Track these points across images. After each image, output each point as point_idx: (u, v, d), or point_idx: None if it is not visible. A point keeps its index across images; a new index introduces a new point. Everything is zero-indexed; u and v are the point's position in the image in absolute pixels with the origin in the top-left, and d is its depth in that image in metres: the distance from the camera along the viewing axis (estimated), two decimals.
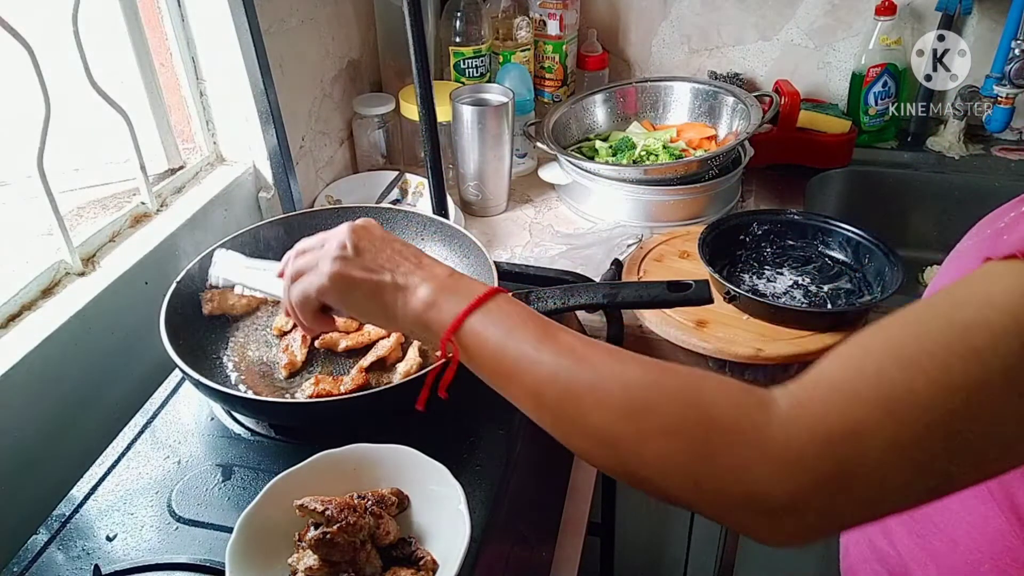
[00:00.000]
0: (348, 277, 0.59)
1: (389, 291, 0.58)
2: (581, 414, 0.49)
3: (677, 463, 0.45)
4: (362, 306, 0.60)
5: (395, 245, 0.61)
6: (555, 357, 0.50)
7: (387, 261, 0.59)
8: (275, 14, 1.09)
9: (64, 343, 0.81)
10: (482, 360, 0.54)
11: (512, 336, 0.53)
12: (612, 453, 0.48)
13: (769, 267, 1.08)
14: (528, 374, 0.51)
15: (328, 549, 0.58)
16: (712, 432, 0.44)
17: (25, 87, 0.79)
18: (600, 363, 0.49)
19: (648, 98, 1.42)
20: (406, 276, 0.58)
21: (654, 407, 0.46)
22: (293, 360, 0.84)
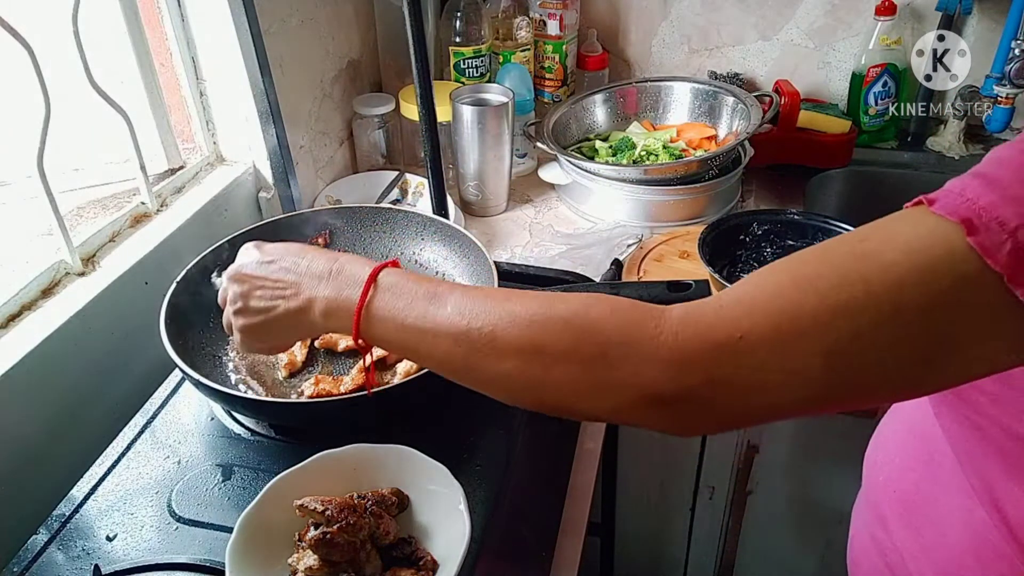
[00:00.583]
0: (250, 327, 0.62)
1: (292, 318, 0.60)
2: (487, 366, 0.52)
3: (581, 383, 0.49)
4: (284, 339, 0.64)
5: (270, 269, 0.62)
6: (449, 325, 0.53)
7: (272, 292, 0.61)
8: (275, 14, 1.09)
9: (64, 343, 0.81)
10: (392, 348, 0.58)
11: (407, 319, 0.55)
12: (527, 391, 0.52)
13: None
14: (433, 347, 0.54)
15: (328, 549, 0.58)
16: (607, 348, 0.48)
17: (25, 87, 0.79)
18: (488, 313, 0.52)
19: (648, 98, 1.42)
20: (296, 298, 0.59)
21: (549, 339, 0.50)
22: (293, 360, 0.84)
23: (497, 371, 0.52)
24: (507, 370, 0.51)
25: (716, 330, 0.45)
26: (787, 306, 0.44)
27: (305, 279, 0.60)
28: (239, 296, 0.62)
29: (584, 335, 0.49)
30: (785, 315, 0.44)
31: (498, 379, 0.52)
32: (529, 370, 0.50)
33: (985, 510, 0.55)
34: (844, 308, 0.42)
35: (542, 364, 0.50)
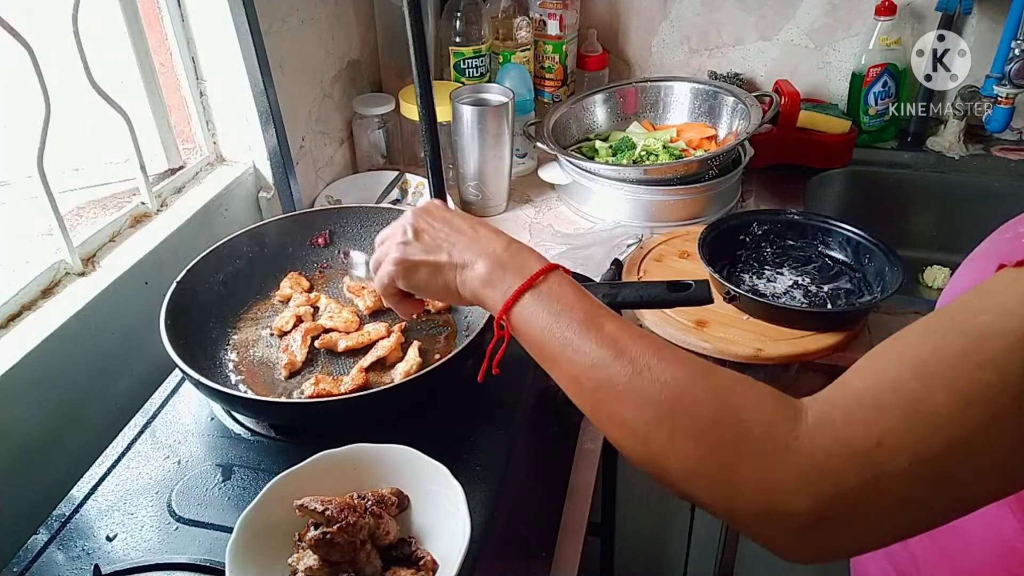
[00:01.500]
0: (409, 261, 0.62)
1: (447, 269, 0.60)
2: (616, 407, 0.49)
3: (704, 467, 0.46)
4: (427, 285, 0.63)
5: (454, 222, 0.62)
6: (596, 347, 0.51)
7: (444, 240, 0.61)
8: (275, 14, 1.09)
9: (64, 343, 0.81)
10: (530, 341, 0.56)
11: (559, 321, 0.53)
12: (643, 449, 0.49)
13: (769, 267, 1.08)
14: (570, 361, 0.52)
15: (328, 549, 0.58)
16: (741, 440, 0.44)
17: (25, 87, 0.79)
18: (639, 357, 0.49)
19: (648, 98, 1.42)
20: (462, 252, 0.60)
21: (687, 409, 0.47)
22: (293, 360, 0.84)
23: (624, 414, 0.49)
24: (635, 418, 0.49)
25: (851, 437, 0.42)
26: (916, 403, 0.41)
27: (481, 242, 0.60)
28: (415, 229, 0.63)
29: (723, 414, 0.46)
30: (918, 414, 0.40)
31: (622, 423, 0.50)
32: (656, 428, 0.48)
33: (1016, 518, 0.54)
34: (978, 396, 0.39)
35: (670, 427, 0.47)
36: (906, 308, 1.02)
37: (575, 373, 0.52)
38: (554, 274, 0.57)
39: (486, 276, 0.58)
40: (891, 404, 0.41)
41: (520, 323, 0.56)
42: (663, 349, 0.51)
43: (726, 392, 0.47)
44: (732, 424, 0.45)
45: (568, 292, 0.55)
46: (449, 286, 0.61)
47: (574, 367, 0.52)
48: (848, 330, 0.95)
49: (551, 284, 0.56)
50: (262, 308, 0.93)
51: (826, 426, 0.43)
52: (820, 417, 0.43)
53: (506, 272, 0.57)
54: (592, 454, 0.89)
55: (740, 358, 0.93)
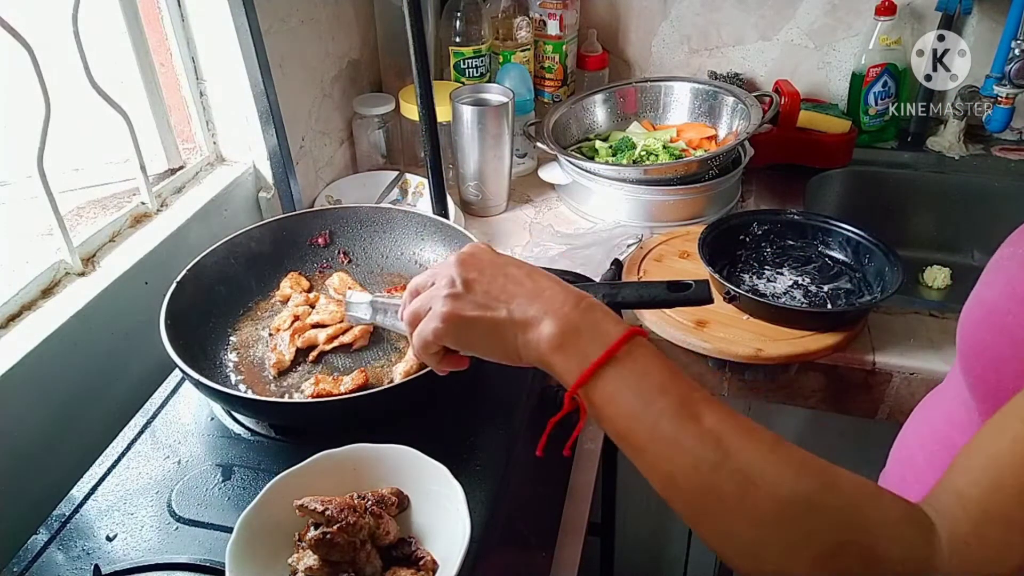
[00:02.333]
0: (461, 317, 0.54)
1: (507, 327, 0.53)
2: (721, 517, 0.44)
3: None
4: (481, 345, 0.55)
5: (509, 271, 0.55)
6: (697, 444, 0.44)
7: (501, 292, 0.54)
8: (275, 14, 1.09)
9: (64, 343, 0.81)
10: (612, 424, 0.49)
11: (649, 406, 0.46)
12: (753, 564, 0.43)
13: (769, 267, 1.08)
14: (664, 457, 0.45)
15: (328, 549, 0.58)
16: (872, 567, 0.40)
17: (25, 87, 0.79)
18: (750, 463, 0.43)
19: (648, 98, 1.42)
20: (524, 309, 0.52)
21: (809, 530, 0.41)
22: (281, 359, 0.84)
23: (731, 527, 0.43)
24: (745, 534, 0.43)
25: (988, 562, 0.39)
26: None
27: (545, 297, 0.52)
28: (464, 281, 0.55)
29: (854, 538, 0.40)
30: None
31: (728, 535, 0.44)
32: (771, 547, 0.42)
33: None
34: None
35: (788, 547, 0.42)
36: (906, 308, 1.02)
37: (670, 471, 0.45)
38: (637, 343, 0.49)
39: (556, 340, 0.50)
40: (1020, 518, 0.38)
41: (599, 402, 0.48)
42: (776, 449, 0.44)
43: (853, 509, 0.41)
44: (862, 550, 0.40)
45: (656, 368, 0.48)
46: (508, 347, 0.53)
47: (669, 464, 0.45)
48: (848, 330, 0.95)
49: (636, 357, 0.49)
50: (262, 308, 0.93)
51: (962, 549, 0.39)
52: (953, 539, 0.40)
53: (580, 337, 0.50)
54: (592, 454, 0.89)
55: (740, 358, 0.93)
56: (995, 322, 0.54)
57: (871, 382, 0.95)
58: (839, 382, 0.96)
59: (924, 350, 0.95)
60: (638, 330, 0.50)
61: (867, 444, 0.84)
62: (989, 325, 0.55)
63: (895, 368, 0.94)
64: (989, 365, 0.53)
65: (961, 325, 0.60)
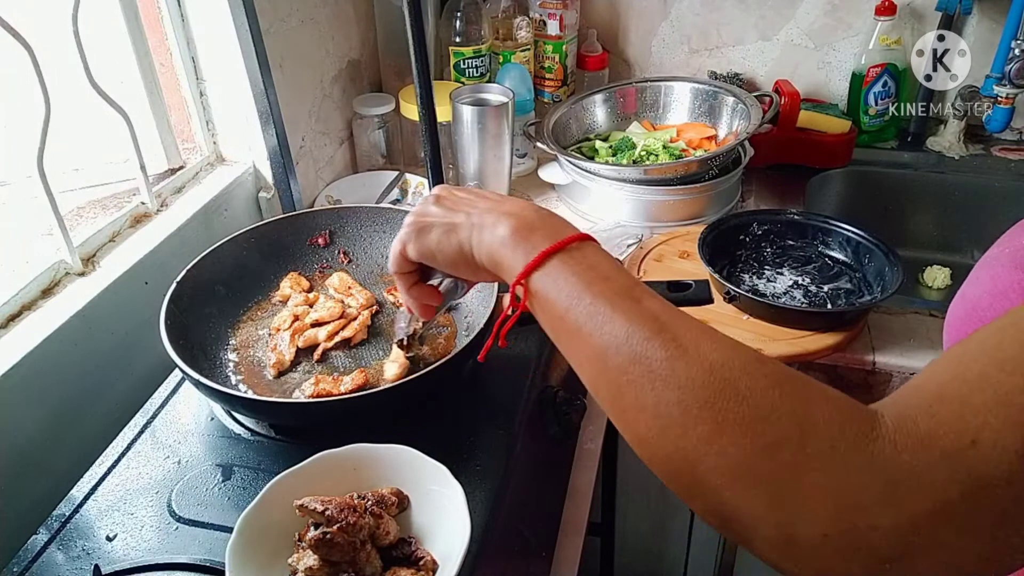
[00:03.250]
0: (423, 221, 0.57)
1: (463, 228, 0.54)
2: (648, 390, 0.41)
3: (757, 466, 0.38)
4: (440, 248, 0.56)
5: (482, 192, 0.58)
6: (633, 319, 0.44)
7: (465, 204, 0.56)
8: (275, 14, 1.09)
9: (64, 343, 0.81)
10: (551, 311, 0.48)
11: (590, 289, 0.46)
12: (676, 442, 0.40)
13: (769, 267, 1.08)
14: (597, 333, 0.44)
15: (328, 549, 0.58)
16: (808, 436, 0.37)
17: (25, 87, 0.79)
18: (684, 335, 0.42)
19: (648, 98, 1.42)
20: (482, 214, 0.54)
21: (742, 395, 0.39)
22: (281, 359, 0.84)
23: (657, 398, 0.41)
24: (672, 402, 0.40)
25: (940, 436, 0.36)
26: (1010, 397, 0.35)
27: (507, 205, 0.54)
28: (437, 195, 0.58)
29: (785, 405, 0.38)
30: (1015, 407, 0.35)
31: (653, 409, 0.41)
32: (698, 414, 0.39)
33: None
34: None
35: (718, 413, 0.39)
36: (906, 308, 1.02)
37: (602, 346, 0.44)
38: (589, 243, 0.50)
39: (507, 236, 0.51)
40: (980, 401, 0.36)
41: (542, 288, 0.48)
42: (711, 331, 0.44)
43: (788, 382, 0.40)
44: (797, 417, 0.38)
45: (603, 262, 0.48)
46: (463, 247, 0.54)
47: (602, 339, 0.44)
48: (848, 330, 0.95)
49: (584, 251, 0.49)
50: (262, 308, 0.93)
51: (908, 426, 0.36)
52: (899, 417, 0.37)
53: (533, 232, 0.50)
54: (592, 454, 0.89)
55: None
56: (977, 317, 0.54)
57: (871, 382, 0.95)
58: (839, 382, 0.96)
59: (924, 350, 0.95)
60: (591, 236, 0.51)
61: None
62: (972, 320, 0.55)
63: (895, 368, 0.94)
64: None
65: (947, 321, 0.61)
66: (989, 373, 0.37)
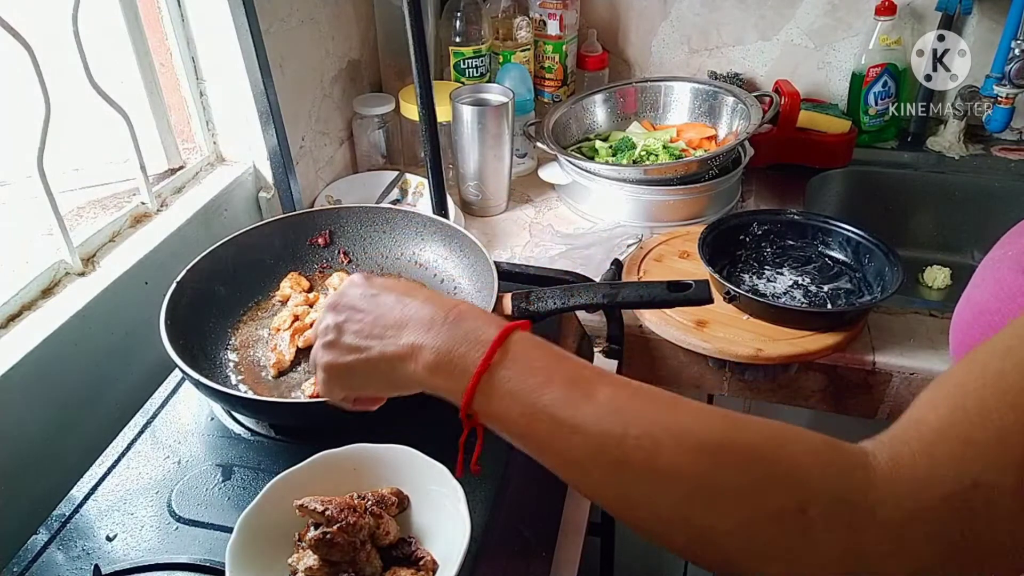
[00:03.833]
0: (337, 366, 0.54)
1: (383, 364, 0.51)
2: (638, 490, 0.42)
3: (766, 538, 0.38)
4: (369, 385, 0.55)
5: (378, 301, 0.53)
6: (596, 423, 0.42)
7: (371, 329, 0.52)
8: (275, 14, 1.09)
9: (64, 343, 0.81)
10: (510, 429, 0.47)
11: (539, 401, 0.44)
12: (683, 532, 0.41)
13: (769, 267, 1.08)
14: (567, 447, 0.43)
15: (328, 549, 0.58)
16: (807, 502, 0.38)
17: (25, 87, 0.79)
18: (653, 424, 0.42)
19: (648, 98, 1.42)
20: (395, 341, 0.50)
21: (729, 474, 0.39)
22: (281, 359, 0.84)
23: (649, 499, 0.41)
24: (664, 502, 0.41)
25: (941, 479, 0.36)
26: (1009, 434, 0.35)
27: (413, 321, 0.50)
28: (332, 327, 0.54)
29: (777, 478, 0.38)
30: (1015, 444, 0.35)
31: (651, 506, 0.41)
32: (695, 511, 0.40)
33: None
34: None
35: (714, 506, 0.39)
36: (906, 308, 1.02)
37: (577, 460, 0.43)
38: (514, 340, 0.47)
39: (432, 364, 0.48)
40: (980, 437, 0.36)
41: (491, 413, 0.47)
42: (678, 405, 0.43)
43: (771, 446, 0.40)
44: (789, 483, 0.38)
45: (538, 359, 0.46)
46: (394, 383, 0.52)
47: (574, 453, 0.43)
48: (848, 330, 0.95)
49: (515, 356, 0.46)
50: (262, 308, 0.93)
51: (906, 469, 0.37)
52: (895, 459, 0.37)
53: (454, 353, 0.47)
54: None
55: (740, 358, 0.93)
56: (984, 322, 0.54)
57: (871, 382, 0.95)
58: (839, 382, 0.96)
59: (924, 350, 0.95)
60: (513, 325, 0.48)
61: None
62: (979, 325, 0.55)
63: (895, 368, 0.94)
64: None
65: (953, 325, 0.60)
66: (989, 406, 0.37)
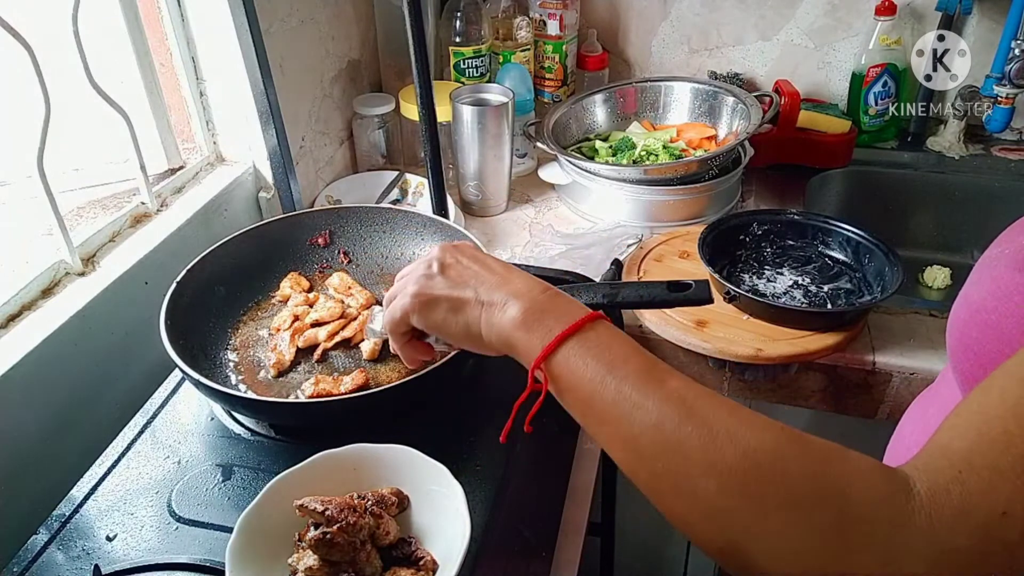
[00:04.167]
0: (429, 295, 0.57)
1: (472, 307, 0.54)
2: (686, 475, 0.42)
3: (801, 548, 0.39)
4: (446, 324, 0.57)
5: (487, 261, 0.57)
6: (661, 404, 0.44)
7: (472, 277, 0.56)
8: (275, 14, 1.09)
9: (64, 343, 0.81)
10: (575, 396, 0.49)
11: (613, 372, 0.46)
12: (721, 527, 0.42)
13: (769, 267, 1.08)
14: (627, 419, 0.45)
15: (328, 549, 0.58)
16: (847, 516, 0.38)
17: (25, 87, 0.79)
18: (714, 418, 0.43)
19: (648, 98, 1.42)
20: (491, 292, 0.54)
21: (778, 478, 0.40)
22: (281, 359, 0.84)
23: (696, 485, 0.42)
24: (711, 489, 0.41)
25: (973, 508, 0.37)
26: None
27: (513, 284, 0.54)
28: (441, 263, 0.57)
29: (822, 486, 0.39)
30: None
31: (693, 495, 0.42)
32: (738, 501, 0.41)
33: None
34: None
35: (758, 499, 0.40)
36: (906, 308, 1.02)
37: (633, 434, 0.45)
38: (601, 323, 0.50)
39: (520, 318, 0.51)
40: (1008, 465, 0.37)
41: (563, 374, 0.48)
42: (739, 410, 0.44)
43: (822, 459, 0.41)
44: (833, 497, 0.39)
45: (619, 341, 0.49)
46: (471, 327, 0.55)
47: (632, 427, 0.45)
48: (848, 330, 0.95)
49: (599, 332, 0.49)
50: (262, 308, 0.93)
51: (942, 497, 0.38)
52: (932, 487, 0.38)
53: (544, 316, 0.51)
54: (592, 454, 0.89)
55: (740, 358, 0.93)
56: (981, 320, 0.55)
57: (871, 382, 0.95)
58: (839, 382, 0.96)
59: (924, 350, 0.95)
60: (600, 313, 0.51)
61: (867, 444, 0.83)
62: (976, 323, 0.56)
63: (895, 368, 0.94)
64: (977, 362, 0.54)
65: (950, 324, 0.61)
66: (1012, 432, 0.37)
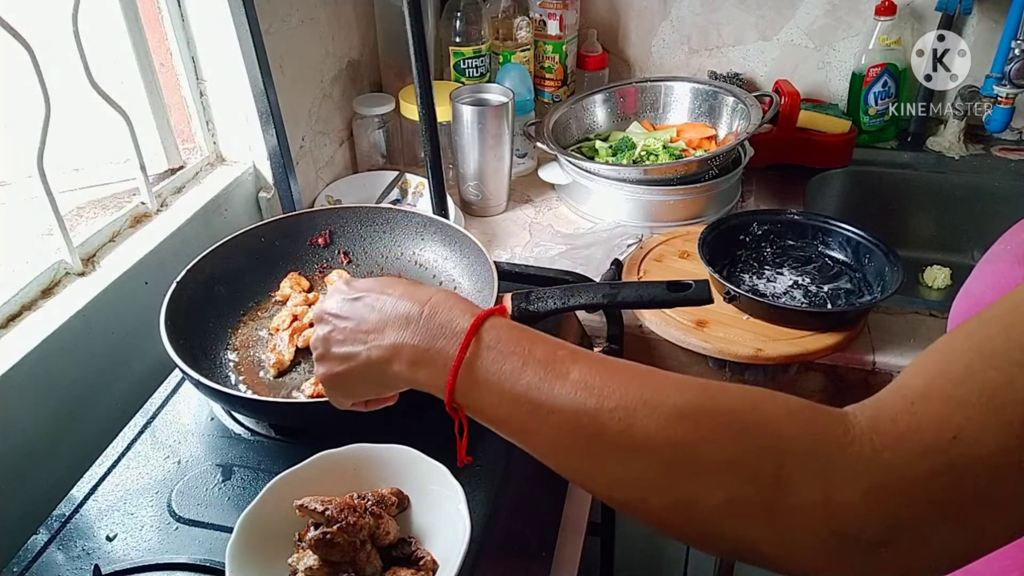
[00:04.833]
0: (332, 376, 0.56)
1: (373, 368, 0.52)
2: (616, 462, 0.42)
3: (746, 505, 0.38)
4: (368, 390, 0.57)
5: (358, 305, 0.54)
6: (570, 400, 0.43)
7: (355, 335, 0.53)
8: (275, 14, 1.09)
9: (64, 343, 0.81)
10: (491, 417, 0.48)
11: (516, 384, 0.45)
12: (665, 500, 0.41)
13: (769, 267, 1.08)
14: (546, 425, 0.44)
15: (328, 549, 0.58)
16: (785, 459, 0.38)
17: (25, 87, 0.79)
18: (625, 395, 0.42)
19: (648, 98, 1.42)
20: (378, 344, 0.51)
21: (704, 440, 0.39)
22: (281, 359, 0.84)
23: (628, 472, 0.41)
24: (642, 473, 0.41)
25: (920, 432, 0.36)
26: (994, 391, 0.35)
27: (391, 321, 0.51)
28: (320, 340, 0.55)
29: (753, 439, 0.39)
30: (998, 402, 0.35)
31: (629, 483, 0.42)
32: (673, 478, 0.40)
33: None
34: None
35: (691, 472, 0.39)
36: (906, 308, 1.02)
37: (555, 438, 0.44)
38: (488, 327, 0.48)
39: (414, 362, 0.50)
40: (963, 395, 0.36)
41: (473, 402, 0.48)
42: (652, 376, 0.43)
43: (746, 407, 0.40)
44: (768, 441, 0.39)
45: (512, 344, 0.47)
46: (386, 384, 0.54)
47: (553, 431, 0.44)
48: (848, 330, 0.95)
49: (489, 343, 0.47)
50: (262, 308, 0.93)
51: (885, 425, 0.37)
52: (874, 418, 0.38)
53: (432, 348, 0.49)
54: None
55: (740, 358, 0.93)
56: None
57: (871, 382, 0.95)
58: (839, 382, 0.96)
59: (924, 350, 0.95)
60: (486, 313, 0.49)
61: None
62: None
63: (895, 368, 0.94)
64: None
65: (951, 315, 0.61)
66: (974, 367, 0.37)
